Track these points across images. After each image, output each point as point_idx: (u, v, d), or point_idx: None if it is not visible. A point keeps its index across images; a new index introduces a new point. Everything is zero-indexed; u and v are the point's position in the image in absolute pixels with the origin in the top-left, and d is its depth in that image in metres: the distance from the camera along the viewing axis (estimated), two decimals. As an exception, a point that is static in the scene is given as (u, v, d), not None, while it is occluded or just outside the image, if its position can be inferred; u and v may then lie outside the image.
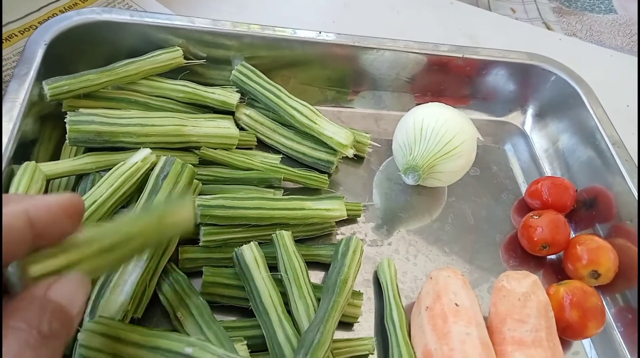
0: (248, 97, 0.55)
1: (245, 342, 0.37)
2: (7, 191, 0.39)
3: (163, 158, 0.42)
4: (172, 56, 0.51)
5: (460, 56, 0.59)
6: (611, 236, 0.52)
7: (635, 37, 1.00)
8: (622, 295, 0.50)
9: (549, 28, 0.95)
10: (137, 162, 0.41)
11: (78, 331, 0.33)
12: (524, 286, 0.42)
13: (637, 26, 1.00)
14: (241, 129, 0.53)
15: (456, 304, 0.40)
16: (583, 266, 0.48)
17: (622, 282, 0.49)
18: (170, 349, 0.31)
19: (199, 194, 0.44)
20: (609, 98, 0.63)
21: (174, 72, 0.52)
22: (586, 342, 0.47)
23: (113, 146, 0.43)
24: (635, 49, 0.95)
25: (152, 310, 0.39)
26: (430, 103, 0.53)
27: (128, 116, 0.44)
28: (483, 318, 0.41)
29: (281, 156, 0.52)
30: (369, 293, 0.46)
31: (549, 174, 0.60)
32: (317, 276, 0.46)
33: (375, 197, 0.54)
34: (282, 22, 0.56)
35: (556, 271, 0.52)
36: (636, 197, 0.50)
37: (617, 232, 0.52)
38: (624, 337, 0.48)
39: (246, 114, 0.53)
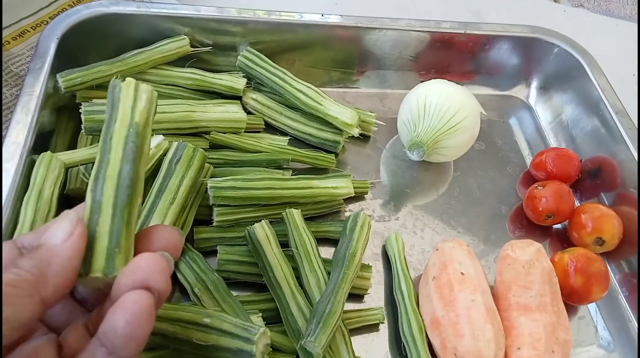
0: (254, 82, 0.56)
1: (260, 314, 0.39)
2: (27, 180, 0.41)
3: (175, 143, 0.43)
4: (179, 45, 0.52)
5: (463, 32, 0.59)
6: (616, 204, 0.53)
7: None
8: (626, 262, 0.51)
9: (555, 1, 0.94)
10: (151, 149, 0.42)
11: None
12: (528, 254, 0.43)
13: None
14: (249, 113, 0.54)
15: (462, 273, 0.41)
16: (587, 234, 0.49)
17: (626, 248, 0.50)
18: (190, 320, 0.33)
19: (211, 177, 0.46)
20: (615, 68, 0.64)
21: (181, 61, 0.54)
22: (592, 307, 0.49)
23: (127, 133, 0.45)
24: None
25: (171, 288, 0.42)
26: (433, 80, 0.54)
27: (140, 105, 0.46)
28: (489, 286, 0.43)
29: (289, 138, 0.54)
30: (378, 267, 0.48)
31: (554, 146, 0.60)
32: (327, 251, 0.47)
33: (382, 174, 0.55)
34: (284, 6, 0.57)
35: (562, 240, 0.53)
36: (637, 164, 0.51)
37: (622, 200, 0.52)
38: (629, 301, 0.49)
39: (253, 98, 0.54)
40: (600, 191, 0.55)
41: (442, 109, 0.50)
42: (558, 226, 0.54)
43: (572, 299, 0.46)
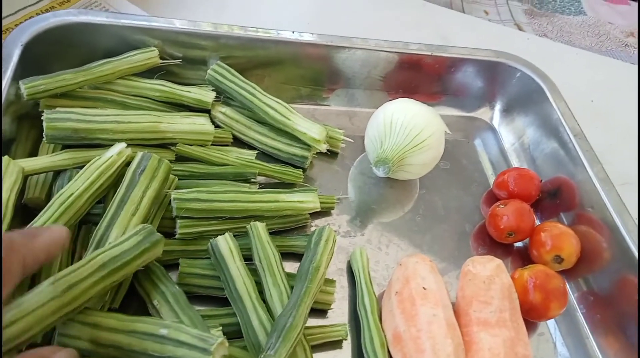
0: (224, 96, 0.56)
1: (221, 328, 0.39)
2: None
3: (140, 153, 0.43)
4: (148, 56, 0.52)
5: (430, 54, 0.61)
6: (574, 223, 0.54)
7: (604, 37, 1.04)
8: (584, 280, 0.52)
9: (520, 29, 0.98)
10: (112, 156, 0.42)
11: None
12: (489, 269, 0.44)
13: (607, 27, 1.04)
14: (217, 126, 0.54)
15: (424, 288, 0.42)
16: (547, 251, 0.51)
17: (584, 266, 0.52)
18: (146, 332, 0.32)
19: (176, 189, 0.45)
20: (574, 94, 0.66)
21: (150, 73, 0.53)
22: (551, 324, 0.49)
23: (90, 143, 0.44)
24: (604, 48, 0.99)
25: (129, 302, 0.41)
26: (399, 99, 0.55)
27: (104, 114, 0.45)
28: (450, 302, 0.43)
29: (257, 152, 0.54)
30: (342, 282, 0.48)
31: (516, 166, 0.62)
32: (292, 266, 0.47)
33: (349, 191, 0.56)
34: (256, 24, 0.57)
35: (522, 258, 0.54)
36: (597, 185, 0.53)
37: (580, 219, 0.54)
38: (586, 318, 0.50)
39: (222, 111, 0.54)
40: (559, 210, 0.57)
41: (407, 127, 0.51)
42: (519, 244, 0.55)
43: (531, 315, 0.47)
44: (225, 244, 0.42)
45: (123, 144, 0.44)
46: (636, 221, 0.50)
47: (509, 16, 1.04)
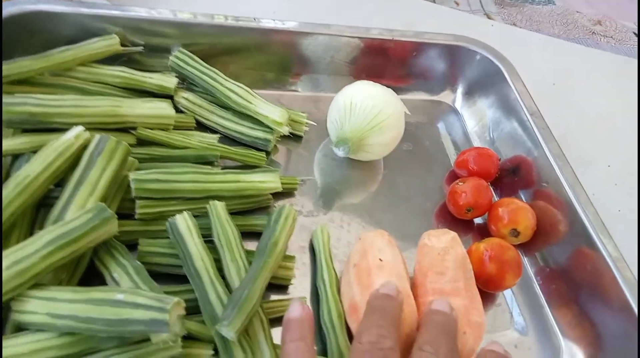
0: (187, 83, 0.57)
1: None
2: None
3: (97, 136, 0.43)
4: (109, 43, 0.53)
5: (391, 38, 0.62)
6: (533, 200, 0.56)
7: (572, 26, 1.06)
8: (541, 253, 0.54)
9: (490, 18, 1.00)
10: (69, 138, 0.42)
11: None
12: (443, 242, 0.45)
13: (574, 16, 1.06)
14: (180, 112, 0.55)
15: (380, 259, 0.43)
16: (504, 225, 0.52)
17: (541, 240, 0.53)
18: (102, 298, 0.33)
19: (136, 171, 0.46)
20: (536, 78, 0.68)
21: (112, 60, 0.54)
22: (508, 295, 0.51)
23: (48, 127, 0.45)
24: (571, 36, 1.02)
25: (90, 283, 0.41)
26: (358, 82, 0.56)
27: (62, 99, 0.46)
28: (407, 273, 0.44)
29: (219, 135, 0.55)
30: (304, 259, 0.49)
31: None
32: (254, 245, 0.47)
33: (313, 173, 0.57)
34: (219, 10, 0.58)
35: (482, 233, 0.55)
36: (552, 161, 0.54)
37: (537, 196, 0.56)
38: (542, 289, 0.52)
39: (184, 97, 0.55)
40: (518, 188, 0.58)
41: (366, 108, 0.52)
42: (479, 220, 0.57)
43: (488, 286, 0.48)
44: (184, 222, 0.42)
45: (81, 128, 0.44)
46: (588, 196, 0.51)
47: (479, 6, 1.06)
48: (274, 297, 0.45)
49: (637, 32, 1.05)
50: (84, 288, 0.35)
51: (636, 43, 1.02)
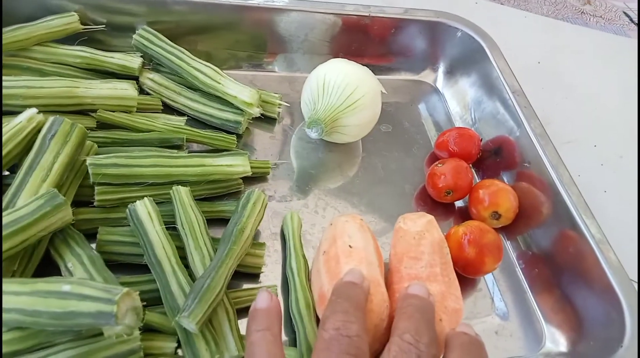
0: (154, 63, 0.54)
1: (138, 291, 0.37)
2: None
3: (51, 118, 0.41)
4: (67, 21, 0.50)
5: (367, 14, 0.60)
6: (515, 181, 0.54)
7: (560, 6, 1.04)
8: (523, 236, 0.52)
9: (477, -3, 0.97)
10: (21, 121, 0.40)
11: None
12: (419, 225, 0.43)
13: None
14: (146, 94, 0.52)
15: (350, 246, 0.41)
16: (485, 208, 0.50)
17: (523, 223, 0.51)
18: (49, 290, 0.30)
19: (94, 156, 0.43)
20: (521, 55, 0.66)
21: (72, 40, 0.51)
22: (490, 280, 0.49)
23: (-2, 109, 0.42)
24: (560, 16, 0.99)
25: (46, 273, 0.39)
26: (332, 59, 0.53)
27: (14, 79, 0.43)
28: (380, 259, 0.42)
29: (186, 118, 0.52)
30: (276, 246, 0.47)
31: (459, 127, 0.61)
32: (221, 232, 0.46)
33: (288, 156, 0.54)
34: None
35: (463, 217, 0.53)
36: (534, 140, 0.52)
37: (520, 177, 0.54)
38: (524, 274, 0.50)
39: (150, 78, 0.52)
40: (501, 169, 0.56)
41: (340, 87, 0.50)
42: (460, 203, 0.55)
43: (468, 271, 0.46)
44: (144, 208, 0.40)
45: (34, 110, 0.41)
46: (572, 177, 0.49)
47: (465, -16, 1.03)
48: (244, 285, 0.43)
49: (627, 12, 1.02)
50: (32, 279, 0.33)
51: (626, 22, 1.00)
